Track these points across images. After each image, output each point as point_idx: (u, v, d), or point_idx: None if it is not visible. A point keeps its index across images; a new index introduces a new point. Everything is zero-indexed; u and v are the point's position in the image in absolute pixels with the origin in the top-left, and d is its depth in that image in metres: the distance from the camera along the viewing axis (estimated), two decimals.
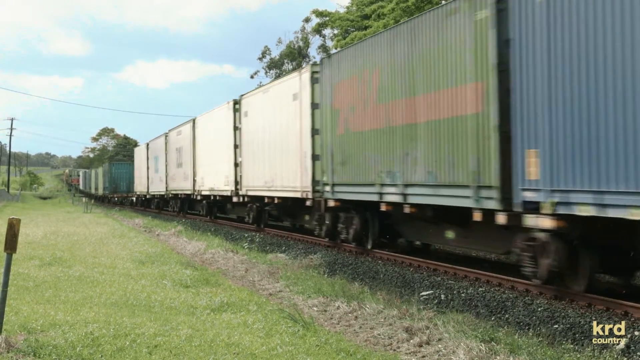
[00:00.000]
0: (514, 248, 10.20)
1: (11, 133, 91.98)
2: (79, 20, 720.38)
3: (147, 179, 43.22)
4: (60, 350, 6.54)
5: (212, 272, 13.48)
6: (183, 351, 6.75)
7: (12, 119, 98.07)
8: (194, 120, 30.93)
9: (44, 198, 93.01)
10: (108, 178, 60.15)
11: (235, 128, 23.83)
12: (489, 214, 10.12)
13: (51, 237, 20.86)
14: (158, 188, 39.62)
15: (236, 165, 23.68)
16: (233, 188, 23.97)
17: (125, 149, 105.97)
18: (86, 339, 6.98)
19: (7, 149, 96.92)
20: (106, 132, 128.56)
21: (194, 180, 30.37)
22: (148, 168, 42.91)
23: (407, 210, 12.44)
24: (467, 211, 10.68)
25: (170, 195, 36.90)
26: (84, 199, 56.40)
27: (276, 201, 19.71)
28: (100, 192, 67.40)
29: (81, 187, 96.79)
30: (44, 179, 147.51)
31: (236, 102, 23.90)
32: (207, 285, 11.52)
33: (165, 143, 37.18)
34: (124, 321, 7.94)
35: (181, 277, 12.13)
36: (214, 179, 26.76)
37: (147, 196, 44.04)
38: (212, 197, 27.94)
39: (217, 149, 26.45)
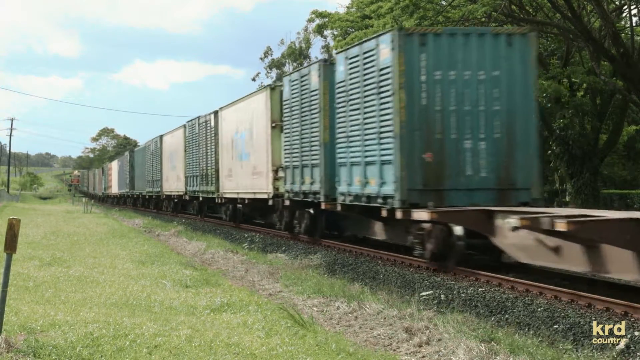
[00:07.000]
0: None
1: (11, 133, 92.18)
2: (77, 22, 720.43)
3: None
4: (60, 350, 6.53)
5: (212, 273, 13.47)
6: (183, 351, 6.74)
7: (12, 119, 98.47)
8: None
9: (44, 198, 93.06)
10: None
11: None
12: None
13: (51, 237, 20.83)
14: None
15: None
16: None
17: (125, 149, 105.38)
18: (86, 339, 6.97)
19: (7, 149, 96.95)
20: (106, 132, 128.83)
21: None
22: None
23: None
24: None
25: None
26: (84, 199, 55.23)
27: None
28: (212, 191, 26.49)
29: (114, 189, 59.73)
30: (44, 179, 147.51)
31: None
32: (207, 285, 11.50)
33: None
34: (124, 321, 7.93)
35: (181, 277, 12.12)
36: None
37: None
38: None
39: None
